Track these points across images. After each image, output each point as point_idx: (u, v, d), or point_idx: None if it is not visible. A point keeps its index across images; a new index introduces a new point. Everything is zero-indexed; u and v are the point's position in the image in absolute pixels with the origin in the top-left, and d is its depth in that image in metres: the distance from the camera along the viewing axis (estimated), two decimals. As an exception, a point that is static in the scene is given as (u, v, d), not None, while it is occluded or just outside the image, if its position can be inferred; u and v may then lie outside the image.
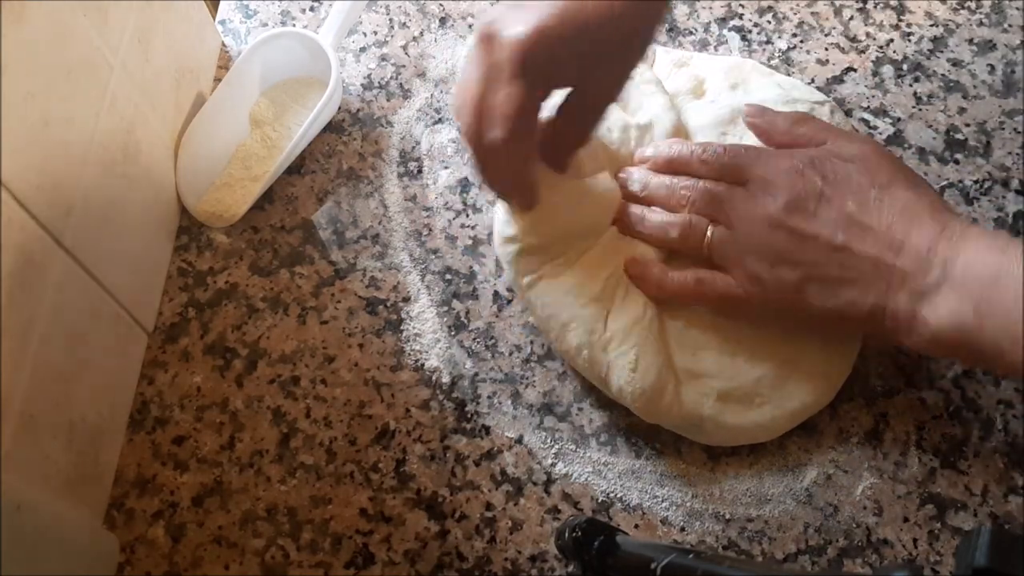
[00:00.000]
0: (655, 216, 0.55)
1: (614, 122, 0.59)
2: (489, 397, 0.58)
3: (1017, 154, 0.64)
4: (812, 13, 0.70)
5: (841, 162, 0.51)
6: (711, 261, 0.54)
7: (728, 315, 0.55)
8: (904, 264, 0.48)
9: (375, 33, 0.69)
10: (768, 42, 0.68)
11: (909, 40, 0.68)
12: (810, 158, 0.52)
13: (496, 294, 0.60)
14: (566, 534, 0.49)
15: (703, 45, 0.68)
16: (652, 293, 0.54)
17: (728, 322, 0.55)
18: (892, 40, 0.68)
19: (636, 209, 0.56)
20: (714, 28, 0.69)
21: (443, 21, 0.70)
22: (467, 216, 0.63)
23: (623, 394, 0.54)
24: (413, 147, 0.65)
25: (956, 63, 0.68)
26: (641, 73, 0.61)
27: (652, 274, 0.54)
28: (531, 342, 0.59)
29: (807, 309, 0.51)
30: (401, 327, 0.60)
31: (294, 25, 0.69)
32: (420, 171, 0.64)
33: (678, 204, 0.55)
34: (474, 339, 0.59)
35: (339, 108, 0.66)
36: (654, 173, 0.56)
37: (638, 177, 0.57)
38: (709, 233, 0.53)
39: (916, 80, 0.67)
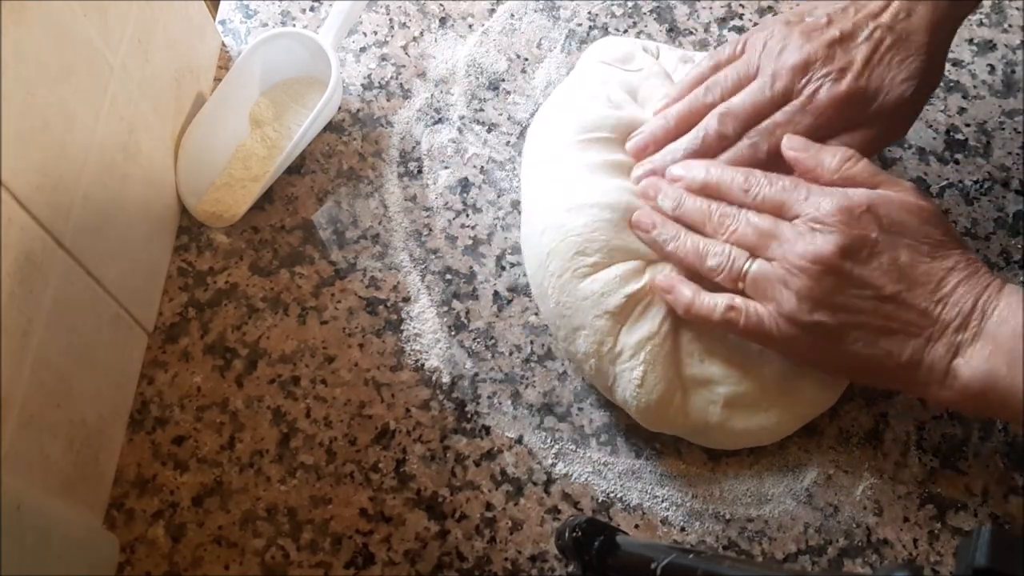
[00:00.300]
0: (691, 239, 0.53)
1: (624, 115, 0.58)
2: (489, 397, 0.58)
3: (1017, 154, 0.65)
4: (812, 13, 0.70)
5: (899, 211, 0.49)
6: (743, 293, 0.52)
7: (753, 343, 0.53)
8: (947, 318, 0.48)
9: (375, 33, 0.69)
10: (768, 42, 0.68)
11: (909, 40, 0.68)
12: (868, 203, 0.49)
13: (496, 294, 0.60)
14: (566, 534, 0.49)
15: (703, 45, 0.68)
16: (679, 312, 0.53)
17: None
18: (892, 40, 0.68)
19: (670, 228, 0.54)
20: (714, 28, 0.69)
21: (443, 21, 0.70)
22: (467, 216, 0.63)
23: (627, 405, 0.55)
24: (413, 147, 0.65)
25: (956, 63, 0.68)
26: (650, 66, 0.61)
27: (683, 293, 0.52)
28: (531, 342, 0.59)
29: (841, 356, 0.50)
30: (401, 327, 0.60)
31: (294, 25, 0.69)
32: (420, 171, 0.64)
33: (715, 232, 0.53)
34: (474, 339, 0.59)
35: (339, 108, 0.66)
36: (689, 193, 0.54)
37: (672, 195, 0.54)
38: (747, 267, 0.51)
39: (916, 80, 0.67)
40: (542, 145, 0.60)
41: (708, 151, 0.55)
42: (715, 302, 0.51)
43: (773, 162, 0.54)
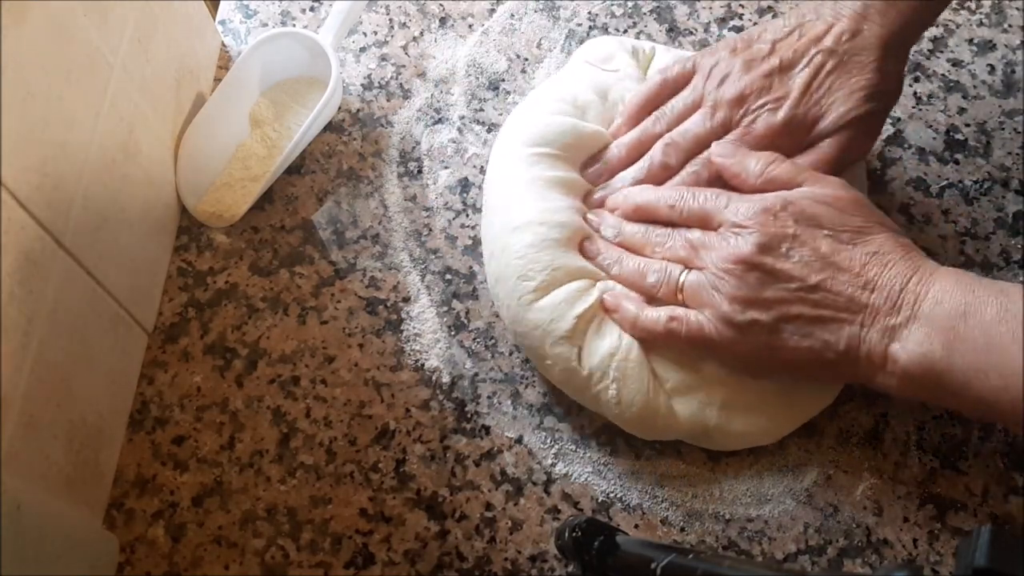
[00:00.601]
0: (631, 261, 0.55)
1: (571, 128, 0.59)
2: (489, 397, 0.58)
3: (1017, 154, 0.65)
4: (812, 13, 0.69)
5: (815, 203, 0.51)
6: (685, 305, 0.54)
7: (701, 355, 0.54)
8: (876, 302, 0.49)
9: (375, 33, 0.69)
10: (768, 42, 0.68)
11: (909, 40, 0.68)
12: (783, 200, 0.51)
13: (496, 294, 0.60)
14: (566, 534, 0.49)
15: (703, 45, 0.68)
16: (626, 329, 0.54)
17: None
18: (892, 40, 0.68)
19: (612, 252, 0.56)
20: (714, 28, 0.69)
21: (443, 21, 0.70)
22: (467, 216, 0.63)
23: (617, 422, 0.55)
24: (413, 147, 0.65)
25: (956, 63, 0.68)
26: (625, 67, 0.61)
27: (628, 310, 0.54)
28: (521, 348, 0.59)
29: (780, 351, 0.51)
30: (401, 327, 0.60)
31: (294, 25, 0.69)
32: (420, 171, 0.64)
33: (652, 253, 0.55)
34: (474, 339, 0.59)
35: (339, 108, 0.66)
36: (627, 221, 0.57)
37: (611, 223, 0.57)
38: (682, 279, 0.53)
39: (916, 80, 0.67)
40: (496, 158, 0.61)
41: (654, 179, 0.59)
42: (658, 315, 0.53)
43: (714, 186, 0.56)
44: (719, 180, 0.56)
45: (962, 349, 0.46)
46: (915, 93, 0.67)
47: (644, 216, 0.57)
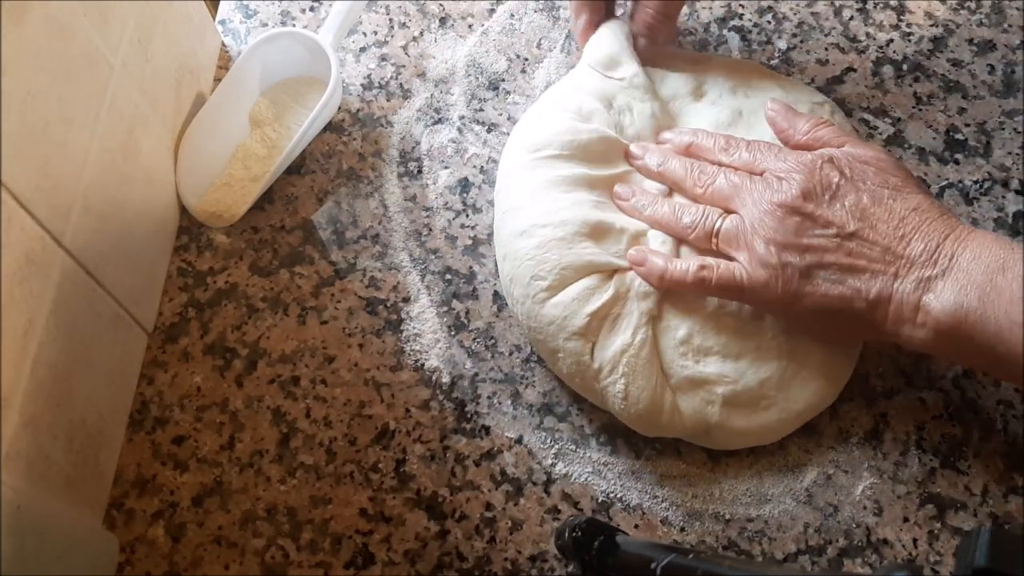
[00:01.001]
0: (668, 203, 0.56)
1: (574, 134, 0.58)
2: (489, 397, 0.58)
3: (1017, 154, 0.65)
4: (812, 13, 0.70)
5: (857, 161, 0.53)
6: (718, 253, 0.54)
7: (730, 301, 0.55)
8: (913, 253, 0.49)
9: (375, 33, 0.69)
10: (768, 42, 0.68)
11: (909, 40, 0.68)
12: (829, 155, 0.53)
13: (496, 294, 0.60)
14: (566, 534, 0.49)
15: (703, 45, 0.68)
16: (654, 283, 0.55)
17: (732, 326, 0.55)
18: (892, 40, 0.69)
19: (646, 196, 0.57)
20: (714, 28, 0.69)
21: (443, 21, 0.70)
22: (467, 216, 0.63)
23: (620, 418, 0.55)
24: (413, 147, 0.65)
25: (956, 63, 0.68)
26: (631, 76, 0.61)
27: (655, 263, 0.54)
28: (531, 342, 0.59)
29: (810, 297, 0.51)
30: (401, 327, 0.60)
31: (294, 25, 0.69)
32: (420, 171, 0.64)
33: (694, 186, 0.56)
34: (474, 339, 0.59)
35: (339, 108, 0.66)
36: (673, 153, 0.58)
37: (658, 153, 0.58)
38: (719, 223, 0.54)
39: (916, 80, 0.67)
40: (502, 168, 0.61)
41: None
42: (687, 265, 0.54)
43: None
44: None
45: (998, 301, 0.47)
46: (915, 93, 0.67)
47: (694, 155, 0.58)
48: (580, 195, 0.57)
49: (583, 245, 0.55)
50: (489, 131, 0.65)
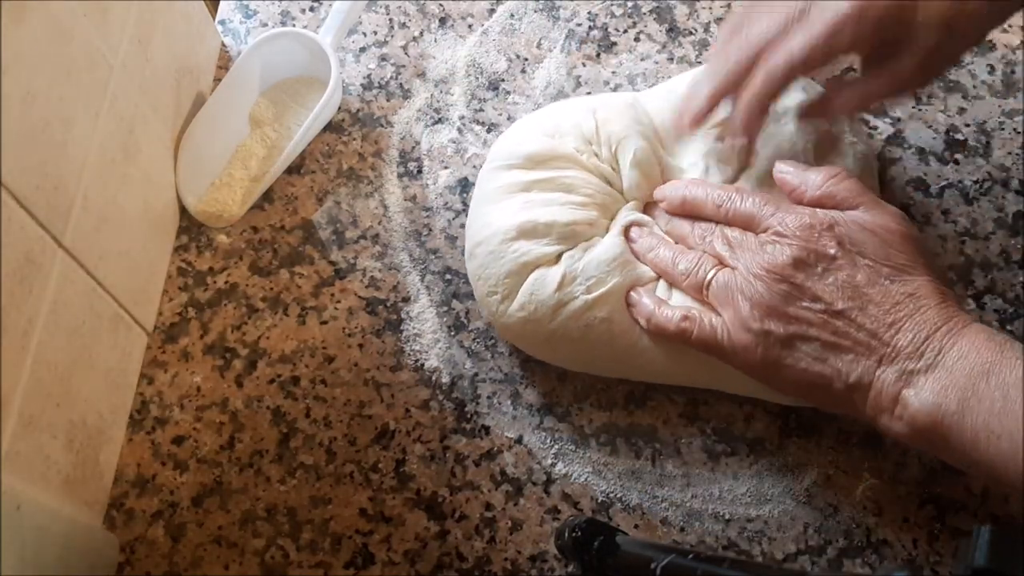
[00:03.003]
0: (667, 248, 0.55)
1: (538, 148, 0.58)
2: (489, 397, 0.58)
3: (1017, 154, 0.64)
4: (812, 13, 0.69)
5: (862, 231, 0.50)
6: (707, 304, 0.53)
7: (710, 356, 0.53)
8: (900, 343, 0.47)
9: (375, 33, 0.69)
10: (768, 42, 0.68)
11: (909, 40, 0.68)
12: (831, 220, 0.50)
13: (496, 294, 0.60)
14: (566, 534, 0.49)
15: (703, 45, 0.68)
16: (643, 323, 0.54)
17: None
18: (892, 40, 0.68)
19: (651, 239, 0.56)
20: (714, 28, 0.69)
21: (443, 21, 0.70)
22: (467, 216, 0.63)
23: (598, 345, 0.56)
24: (413, 147, 0.65)
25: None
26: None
27: (645, 304, 0.54)
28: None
29: (789, 370, 0.50)
30: (401, 327, 0.60)
31: (294, 25, 0.69)
32: (420, 171, 0.64)
33: (693, 244, 0.55)
34: (474, 339, 0.59)
35: (339, 108, 0.66)
36: (674, 216, 0.57)
37: (663, 217, 0.57)
38: (711, 275, 0.53)
39: (916, 80, 0.67)
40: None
41: (734, 80, 0.55)
42: (672, 314, 0.53)
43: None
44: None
45: (977, 409, 0.45)
46: (915, 93, 0.66)
47: (688, 212, 0.56)
48: (510, 202, 0.57)
49: (513, 248, 0.55)
50: (489, 131, 0.65)
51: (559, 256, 0.55)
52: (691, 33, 0.69)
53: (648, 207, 0.59)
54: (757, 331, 0.50)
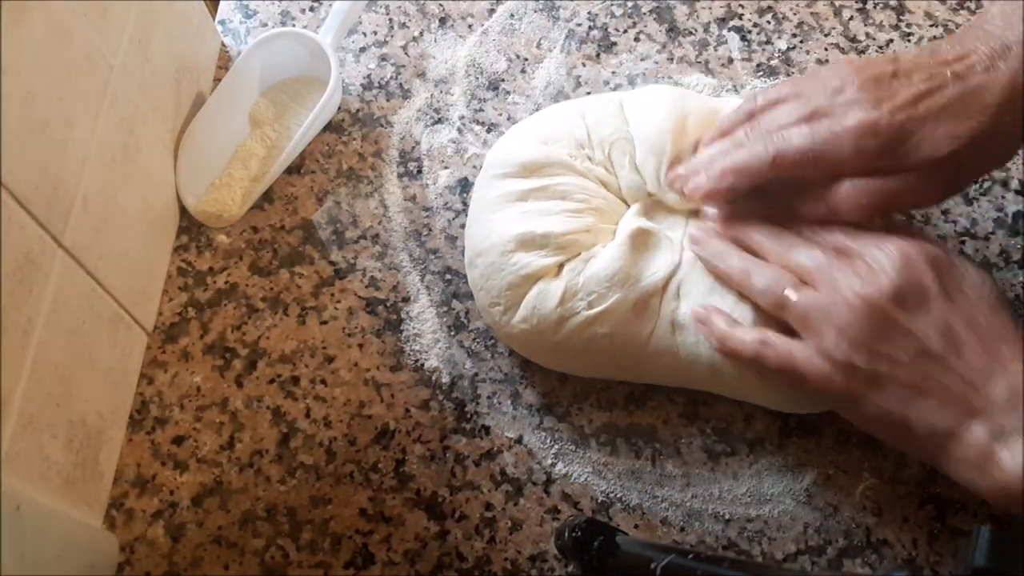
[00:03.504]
0: (741, 257, 0.52)
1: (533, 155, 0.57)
2: (489, 397, 0.58)
3: (1017, 154, 0.64)
4: (812, 13, 0.70)
5: (960, 268, 0.48)
6: (780, 324, 0.50)
7: (783, 384, 0.52)
8: (993, 395, 0.44)
9: (375, 33, 0.69)
10: (768, 42, 0.68)
11: (909, 40, 0.68)
12: (932, 255, 0.47)
13: (496, 294, 0.60)
14: (566, 534, 0.49)
15: (703, 45, 0.68)
16: (715, 343, 0.52)
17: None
18: (892, 40, 0.69)
19: (718, 244, 0.53)
20: (714, 28, 0.69)
21: (443, 21, 0.70)
22: (467, 216, 0.63)
23: (603, 355, 0.55)
24: (413, 147, 0.65)
25: (956, 63, 0.68)
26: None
27: (717, 325, 0.51)
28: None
29: (869, 408, 0.47)
30: (401, 327, 0.60)
31: (294, 25, 0.69)
32: (420, 171, 0.64)
33: (778, 257, 0.51)
34: (474, 339, 0.59)
35: (339, 108, 0.66)
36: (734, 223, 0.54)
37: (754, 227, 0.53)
38: (794, 295, 0.49)
39: (916, 80, 0.67)
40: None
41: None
42: (749, 336, 0.50)
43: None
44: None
45: None
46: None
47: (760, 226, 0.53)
48: (507, 212, 0.56)
49: (513, 261, 0.55)
50: (489, 131, 0.65)
51: (560, 266, 0.55)
52: (691, 33, 0.69)
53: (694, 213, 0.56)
54: (840, 363, 0.47)
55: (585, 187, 0.57)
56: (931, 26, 0.69)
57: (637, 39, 0.69)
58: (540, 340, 0.55)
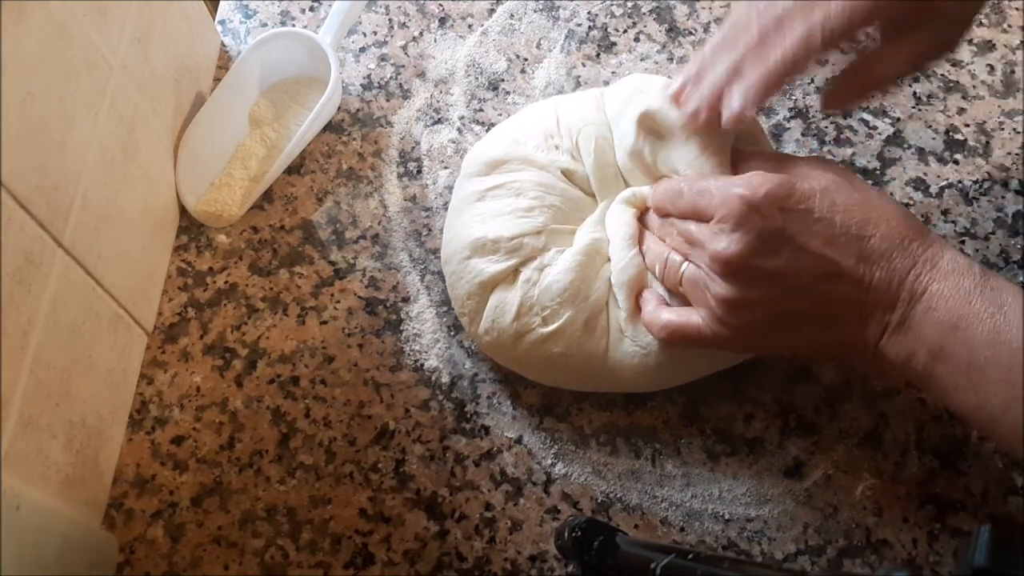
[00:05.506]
0: (657, 247, 0.54)
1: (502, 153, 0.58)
2: (489, 397, 0.58)
3: (1016, 154, 0.65)
4: (812, 13, 0.69)
5: (804, 195, 0.48)
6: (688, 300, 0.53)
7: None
8: (873, 299, 0.48)
9: (375, 33, 0.69)
10: (768, 42, 0.68)
11: (909, 40, 0.68)
12: (770, 194, 0.48)
13: (496, 294, 0.60)
14: (566, 534, 0.49)
15: (703, 45, 0.68)
16: (643, 322, 0.54)
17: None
18: (892, 40, 0.68)
19: (647, 240, 0.55)
20: (714, 28, 0.69)
21: (443, 21, 0.70)
22: (467, 216, 0.63)
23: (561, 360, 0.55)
24: (413, 147, 0.65)
25: (956, 63, 0.68)
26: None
27: (643, 306, 0.54)
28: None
29: (774, 346, 0.52)
30: (401, 327, 0.60)
31: (294, 25, 0.69)
32: (420, 171, 0.64)
33: (668, 244, 0.54)
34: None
35: (339, 108, 0.66)
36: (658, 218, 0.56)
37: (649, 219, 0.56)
38: (682, 269, 0.52)
39: (916, 80, 0.67)
40: None
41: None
42: (660, 315, 0.53)
43: None
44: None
45: (945, 363, 0.46)
46: (915, 93, 0.67)
47: (663, 215, 0.55)
48: (467, 216, 0.57)
49: (469, 268, 0.55)
50: (489, 131, 0.65)
51: (517, 270, 0.55)
52: (691, 33, 0.69)
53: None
54: (733, 324, 0.50)
55: (542, 182, 0.56)
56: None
57: (637, 39, 0.69)
58: (505, 353, 0.56)
